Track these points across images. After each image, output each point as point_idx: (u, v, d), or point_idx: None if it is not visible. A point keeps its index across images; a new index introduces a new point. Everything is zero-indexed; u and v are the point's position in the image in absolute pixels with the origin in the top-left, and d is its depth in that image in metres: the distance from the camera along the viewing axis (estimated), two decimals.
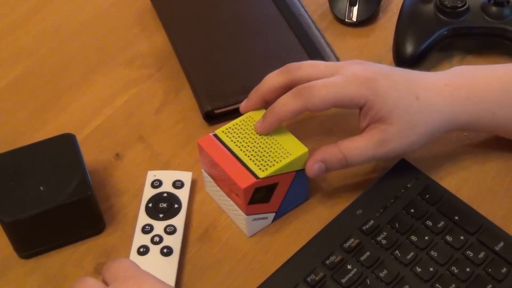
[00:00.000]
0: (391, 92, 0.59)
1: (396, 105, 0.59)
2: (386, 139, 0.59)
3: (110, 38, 0.82)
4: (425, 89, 0.60)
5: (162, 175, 0.64)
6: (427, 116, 0.60)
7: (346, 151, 0.59)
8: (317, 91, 0.59)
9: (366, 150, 0.59)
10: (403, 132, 0.59)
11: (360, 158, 0.60)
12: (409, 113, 0.59)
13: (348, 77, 0.60)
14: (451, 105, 0.60)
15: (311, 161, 0.59)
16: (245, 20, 0.78)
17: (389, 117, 0.59)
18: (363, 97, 0.59)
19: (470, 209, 0.60)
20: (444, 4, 0.73)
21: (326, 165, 0.59)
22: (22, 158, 0.62)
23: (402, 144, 0.60)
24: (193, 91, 0.73)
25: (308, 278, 0.56)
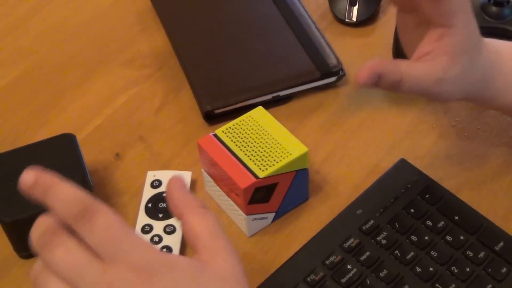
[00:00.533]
0: (476, 34, 0.56)
1: (471, 49, 0.56)
2: (446, 79, 0.56)
3: (110, 38, 0.82)
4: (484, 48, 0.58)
5: (162, 175, 0.64)
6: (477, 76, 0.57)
7: (404, 74, 0.55)
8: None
9: (424, 83, 0.55)
10: (460, 80, 0.56)
11: (413, 88, 0.55)
12: (471, 63, 0.56)
13: None
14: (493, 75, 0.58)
15: (367, 71, 0.53)
16: (245, 20, 0.78)
17: (459, 57, 0.55)
18: (457, 18, 0.55)
19: (470, 209, 0.60)
20: None
21: (378, 80, 0.54)
22: (22, 158, 0.62)
23: (452, 91, 0.56)
24: (193, 91, 0.73)
25: (308, 278, 0.56)
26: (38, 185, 0.42)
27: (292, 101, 0.72)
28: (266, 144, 0.59)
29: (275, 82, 0.71)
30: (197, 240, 0.46)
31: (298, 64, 0.73)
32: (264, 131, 0.60)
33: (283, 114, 0.71)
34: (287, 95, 0.72)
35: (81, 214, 0.42)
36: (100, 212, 0.42)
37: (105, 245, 0.42)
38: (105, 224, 0.42)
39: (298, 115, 0.71)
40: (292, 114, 0.71)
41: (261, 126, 0.61)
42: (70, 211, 0.42)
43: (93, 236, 0.42)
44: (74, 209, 0.42)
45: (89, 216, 0.42)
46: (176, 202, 0.47)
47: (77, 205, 0.42)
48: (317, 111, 0.71)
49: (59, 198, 0.42)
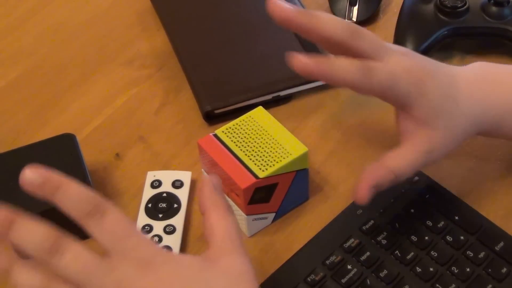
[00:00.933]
0: (437, 94, 0.56)
1: (440, 110, 0.56)
2: (434, 148, 0.56)
3: (110, 38, 0.82)
4: (463, 94, 0.57)
5: (161, 175, 0.64)
6: (465, 124, 0.57)
7: (396, 170, 0.56)
8: (377, 76, 0.54)
9: (416, 163, 0.56)
10: (447, 139, 0.57)
11: (411, 172, 0.57)
12: (451, 119, 0.56)
13: (402, 71, 0.55)
14: (483, 108, 0.58)
15: (364, 189, 0.55)
16: (245, 20, 0.78)
17: (433, 121, 0.56)
18: (409, 96, 0.55)
19: (470, 209, 0.60)
20: (444, 4, 0.73)
21: (377, 189, 0.56)
22: (22, 158, 0.62)
23: (445, 151, 0.57)
24: (193, 91, 0.73)
25: (308, 278, 0.56)
26: (47, 185, 0.44)
27: (292, 101, 0.72)
28: (266, 144, 0.59)
29: (275, 82, 0.71)
30: (212, 237, 0.48)
31: None
32: (264, 131, 0.60)
33: (283, 114, 0.71)
34: (287, 95, 0.72)
35: (91, 212, 0.44)
36: (109, 210, 0.44)
37: (113, 240, 0.44)
38: (114, 221, 0.44)
39: (298, 115, 0.71)
40: (292, 114, 0.71)
41: (261, 126, 0.61)
42: (81, 209, 0.44)
43: (103, 232, 0.44)
44: (84, 208, 0.44)
45: (99, 214, 0.44)
46: (204, 198, 0.50)
47: (87, 204, 0.44)
48: (317, 111, 0.71)
49: (69, 197, 0.44)
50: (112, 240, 0.44)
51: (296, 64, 0.54)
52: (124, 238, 0.44)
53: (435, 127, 0.56)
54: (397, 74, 0.55)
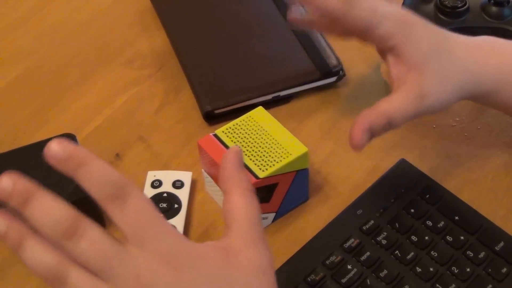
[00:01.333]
0: (425, 40, 0.57)
1: (429, 55, 0.56)
2: (425, 93, 0.56)
3: (110, 38, 0.82)
4: (458, 47, 0.58)
5: (162, 175, 0.64)
6: (459, 73, 0.58)
7: (390, 114, 0.56)
8: (359, 8, 0.56)
9: (408, 108, 0.56)
10: (439, 87, 0.57)
11: (403, 118, 0.56)
12: (442, 66, 0.57)
13: (388, 12, 0.57)
14: (482, 69, 0.58)
15: (358, 132, 0.55)
16: (245, 20, 0.78)
17: (422, 66, 0.56)
18: (394, 37, 0.56)
19: (470, 209, 0.60)
20: (444, 4, 0.73)
21: (371, 133, 0.56)
22: (22, 158, 0.62)
23: (438, 101, 0.57)
24: (193, 91, 0.73)
25: (308, 278, 0.56)
26: (71, 159, 0.41)
27: (292, 101, 0.73)
28: (266, 144, 0.59)
29: (275, 82, 0.71)
30: (234, 221, 0.45)
31: (298, 64, 0.73)
32: (264, 131, 0.60)
33: (283, 114, 0.71)
34: (287, 95, 0.72)
35: (114, 194, 0.41)
36: (133, 195, 0.41)
37: (135, 228, 0.41)
38: (138, 207, 0.41)
39: (298, 115, 0.71)
40: (292, 114, 0.71)
41: (261, 126, 0.61)
42: (103, 191, 0.41)
43: (124, 218, 0.41)
44: (107, 189, 0.41)
45: (122, 198, 0.41)
46: (227, 176, 0.47)
47: (111, 185, 0.41)
48: (317, 111, 0.71)
49: (92, 176, 0.41)
50: (133, 228, 0.41)
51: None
52: (147, 227, 0.41)
53: (425, 72, 0.56)
54: (382, 13, 0.56)
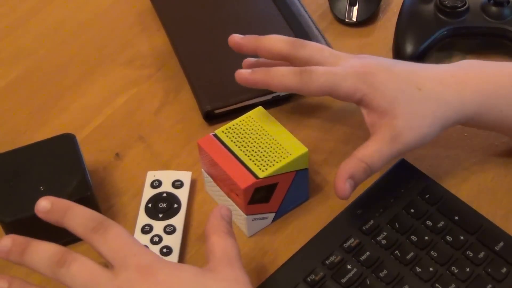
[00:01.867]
0: (390, 85, 0.58)
1: (396, 97, 0.58)
2: (397, 134, 0.57)
3: (110, 38, 0.82)
4: (428, 80, 0.59)
5: (161, 175, 0.64)
6: (433, 106, 0.58)
7: (367, 159, 0.57)
8: (316, 78, 0.59)
9: (383, 151, 0.58)
10: (412, 124, 0.58)
11: (380, 161, 0.58)
12: (412, 104, 0.58)
13: (347, 70, 0.59)
14: (458, 96, 0.59)
15: (340, 182, 0.57)
16: (245, 20, 0.78)
17: (392, 110, 0.57)
18: (359, 91, 0.58)
19: (470, 209, 0.60)
20: (444, 4, 0.73)
21: (354, 180, 0.57)
22: (22, 158, 0.62)
23: (415, 137, 0.58)
24: (193, 91, 0.73)
25: (308, 278, 0.56)
26: (56, 209, 0.50)
27: (292, 101, 0.72)
28: (266, 144, 0.59)
29: None
30: (212, 254, 0.51)
31: None
32: (264, 131, 0.60)
33: (283, 114, 0.71)
34: (287, 95, 0.72)
35: (96, 228, 0.49)
36: (112, 226, 0.49)
37: (116, 251, 0.48)
38: (116, 234, 0.49)
39: (298, 115, 0.71)
40: (292, 114, 0.71)
41: (261, 126, 0.61)
42: (87, 226, 0.49)
43: (107, 245, 0.49)
44: (90, 224, 0.49)
45: (103, 229, 0.49)
46: (209, 226, 0.53)
47: (92, 221, 0.49)
48: (317, 111, 0.71)
49: (77, 216, 0.50)
50: (115, 251, 0.48)
51: (238, 79, 0.63)
52: (126, 248, 0.49)
53: (395, 114, 0.58)
54: (340, 74, 0.59)
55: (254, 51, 0.64)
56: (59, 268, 0.48)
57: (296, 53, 0.62)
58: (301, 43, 0.63)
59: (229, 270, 0.50)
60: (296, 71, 0.60)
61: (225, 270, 0.49)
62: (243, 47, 0.65)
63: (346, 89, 0.58)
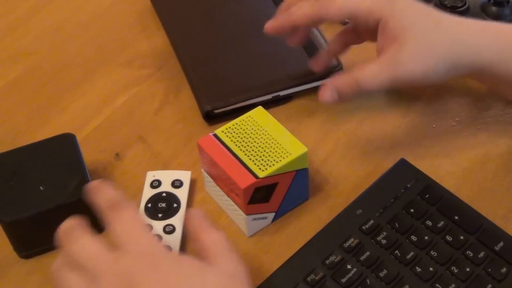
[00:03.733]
0: (409, 11, 0.58)
1: (412, 24, 0.57)
2: (400, 59, 0.57)
3: (110, 38, 0.82)
4: (449, 18, 0.59)
5: (161, 175, 0.64)
6: (447, 41, 0.57)
7: (358, 75, 0.57)
8: (335, 2, 0.59)
9: (379, 72, 0.57)
10: (418, 54, 0.57)
11: (372, 81, 0.57)
12: (426, 35, 0.57)
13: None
14: (476, 39, 0.58)
15: (325, 89, 0.59)
16: (245, 20, 0.78)
17: (403, 35, 0.57)
18: (378, 11, 0.58)
19: (470, 209, 0.60)
20: (444, 4, 0.73)
21: (338, 92, 0.58)
22: (22, 158, 0.62)
23: (420, 67, 0.57)
24: (193, 91, 0.73)
25: (308, 278, 0.56)
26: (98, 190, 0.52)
27: (292, 101, 0.73)
28: (266, 144, 0.59)
29: (275, 82, 0.71)
30: (204, 252, 0.51)
31: (298, 64, 0.73)
32: (264, 131, 0.60)
33: (283, 114, 0.71)
34: (287, 95, 0.72)
35: (113, 206, 0.50)
36: (127, 208, 0.50)
37: (123, 232, 0.49)
38: (128, 217, 0.50)
39: (298, 115, 0.71)
40: (292, 114, 0.71)
41: (261, 126, 0.61)
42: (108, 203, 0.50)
43: (117, 224, 0.49)
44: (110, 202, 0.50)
45: (118, 209, 0.50)
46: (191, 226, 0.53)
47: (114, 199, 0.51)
48: (317, 111, 0.71)
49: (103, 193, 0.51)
50: (121, 232, 0.49)
51: (267, 30, 0.64)
52: (132, 232, 0.49)
53: (406, 39, 0.57)
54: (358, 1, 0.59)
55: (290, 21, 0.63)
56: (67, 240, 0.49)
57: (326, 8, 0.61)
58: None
59: (226, 263, 0.50)
60: (313, 0, 0.61)
61: (223, 264, 0.49)
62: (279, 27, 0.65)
63: (364, 9, 0.58)
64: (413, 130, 0.68)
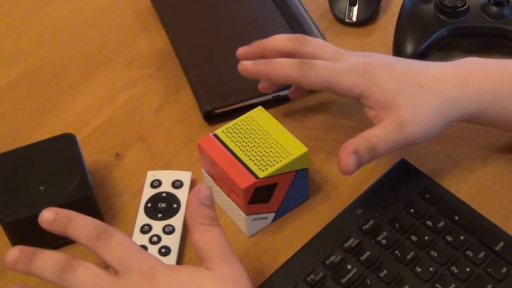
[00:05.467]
0: (391, 81, 0.59)
1: (397, 91, 0.58)
2: (403, 122, 0.57)
3: (110, 38, 0.82)
4: (430, 77, 0.59)
5: (161, 175, 0.64)
6: (436, 101, 0.58)
7: (372, 139, 0.57)
8: (316, 70, 0.59)
9: (389, 136, 0.57)
10: (417, 114, 0.58)
11: (385, 145, 0.57)
12: (415, 98, 0.58)
13: (348, 66, 0.60)
14: (461, 93, 0.59)
15: (345, 155, 0.56)
16: (245, 20, 0.78)
17: (394, 102, 0.58)
18: (358, 86, 0.59)
19: (470, 209, 0.60)
20: (444, 4, 0.73)
21: (358, 157, 0.56)
22: (22, 158, 0.62)
23: (420, 128, 0.58)
24: (193, 91, 0.73)
25: (308, 278, 0.56)
26: (59, 220, 0.51)
27: (292, 101, 0.72)
28: (266, 144, 0.59)
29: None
30: (201, 252, 0.51)
31: None
32: (264, 131, 0.60)
33: (283, 114, 0.71)
34: (287, 95, 0.72)
35: (99, 236, 0.50)
36: (114, 233, 0.50)
37: (120, 257, 0.49)
38: (119, 241, 0.50)
39: (298, 115, 0.71)
40: (292, 114, 0.71)
41: (261, 126, 0.61)
42: (90, 235, 0.50)
43: (110, 251, 0.49)
44: (93, 233, 0.50)
45: (106, 237, 0.50)
46: (188, 216, 0.53)
47: (95, 229, 0.50)
48: (317, 111, 0.71)
49: (80, 226, 0.50)
50: (118, 257, 0.49)
51: (240, 70, 0.64)
52: (129, 254, 0.50)
53: (398, 105, 0.58)
54: (340, 69, 0.59)
55: (261, 55, 0.65)
56: (65, 273, 0.49)
57: (299, 48, 0.63)
58: (304, 39, 0.63)
59: (225, 268, 0.50)
60: (296, 62, 0.61)
61: (221, 268, 0.49)
62: (250, 56, 0.66)
63: (345, 84, 0.59)
64: None
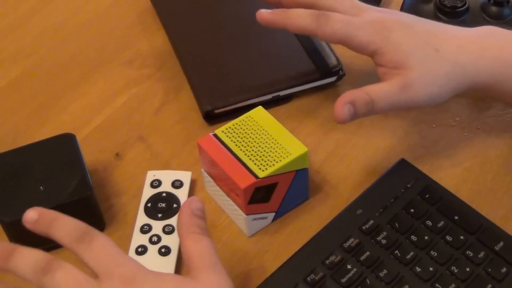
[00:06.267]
0: (406, 41, 0.59)
1: (411, 53, 0.58)
2: (409, 83, 0.58)
3: (110, 38, 0.82)
4: (447, 42, 0.59)
5: (161, 175, 0.64)
6: (447, 67, 0.58)
7: (372, 93, 0.57)
8: (332, 23, 0.60)
9: (391, 94, 0.58)
10: (425, 79, 0.58)
11: (385, 101, 0.58)
12: (427, 62, 0.58)
13: (365, 21, 0.60)
14: (474, 63, 0.59)
15: (340, 104, 0.57)
16: (246, 20, 0.78)
17: (406, 62, 0.58)
18: (372, 43, 0.59)
19: (470, 209, 0.60)
20: (444, 4, 0.73)
21: (354, 108, 0.57)
22: (22, 158, 0.62)
23: (425, 91, 0.58)
24: (193, 91, 0.73)
25: (308, 278, 0.56)
26: (42, 220, 0.49)
27: (292, 101, 0.73)
28: (266, 144, 0.59)
29: (275, 82, 0.71)
30: (190, 260, 0.50)
31: (298, 64, 0.73)
32: (264, 131, 0.60)
33: (283, 114, 0.71)
34: (287, 95, 0.72)
35: (81, 238, 0.48)
36: (97, 236, 0.49)
37: (101, 260, 0.48)
38: (101, 244, 0.48)
39: (298, 115, 0.71)
40: (292, 114, 0.71)
41: (261, 126, 0.61)
42: (73, 236, 0.48)
43: (91, 254, 0.48)
44: (75, 234, 0.48)
45: (88, 239, 0.48)
46: (180, 225, 0.52)
47: (78, 231, 0.49)
48: (317, 111, 0.71)
49: (63, 227, 0.49)
50: (99, 261, 0.48)
51: (258, 18, 0.64)
52: (110, 258, 0.48)
53: (408, 66, 0.58)
54: (356, 24, 0.59)
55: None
56: (44, 275, 0.47)
57: (317, 0, 0.63)
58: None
59: (211, 277, 0.49)
60: (313, 14, 0.61)
61: (207, 277, 0.49)
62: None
63: (360, 39, 0.59)
64: (413, 130, 0.68)
